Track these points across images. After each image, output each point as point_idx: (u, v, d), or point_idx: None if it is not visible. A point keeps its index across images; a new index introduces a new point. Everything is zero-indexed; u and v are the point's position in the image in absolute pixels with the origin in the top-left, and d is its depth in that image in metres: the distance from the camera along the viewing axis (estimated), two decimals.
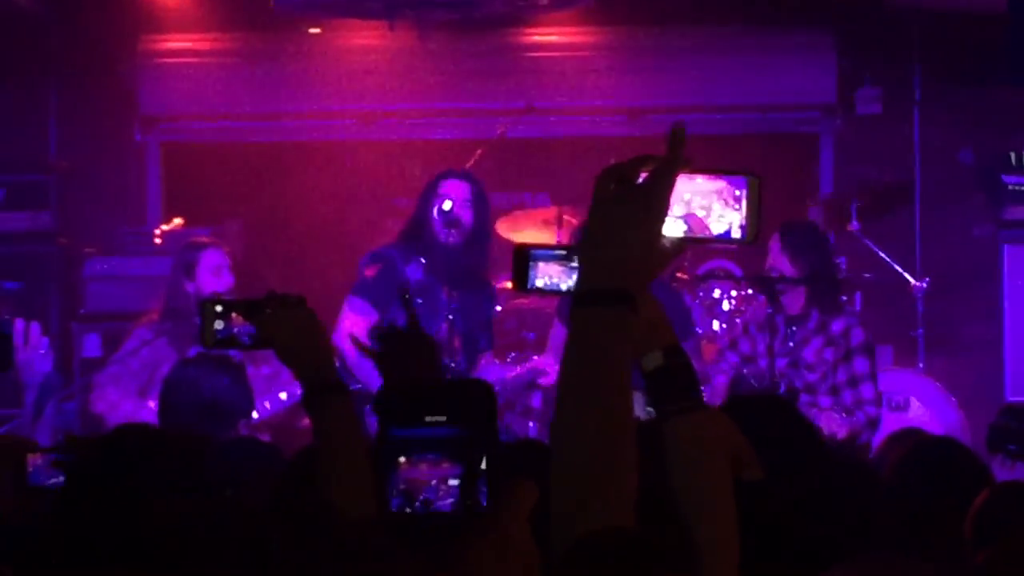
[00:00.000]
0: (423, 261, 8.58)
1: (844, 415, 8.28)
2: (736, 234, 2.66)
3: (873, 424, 8.42)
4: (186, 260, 8.81)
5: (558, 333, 8.84)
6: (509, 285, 8.00)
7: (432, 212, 8.69)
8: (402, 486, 2.15)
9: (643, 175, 2.62)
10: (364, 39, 11.59)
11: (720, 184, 2.65)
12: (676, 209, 2.64)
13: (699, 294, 9.90)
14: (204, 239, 9.13)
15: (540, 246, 3.07)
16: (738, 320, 9.33)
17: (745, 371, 8.65)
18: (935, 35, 11.18)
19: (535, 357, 8.89)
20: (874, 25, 11.26)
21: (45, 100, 11.72)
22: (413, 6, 10.57)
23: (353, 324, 8.25)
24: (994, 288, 10.68)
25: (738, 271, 10.27)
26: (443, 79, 11.64)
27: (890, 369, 10.04)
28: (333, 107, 11.79)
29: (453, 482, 2.15)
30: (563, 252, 3.04)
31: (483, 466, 2.17)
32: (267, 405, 8.21)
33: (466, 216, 8.60)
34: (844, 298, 9.29)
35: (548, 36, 11.78)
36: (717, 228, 2.66)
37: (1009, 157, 10.50)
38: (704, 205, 2.66)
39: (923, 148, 11.47)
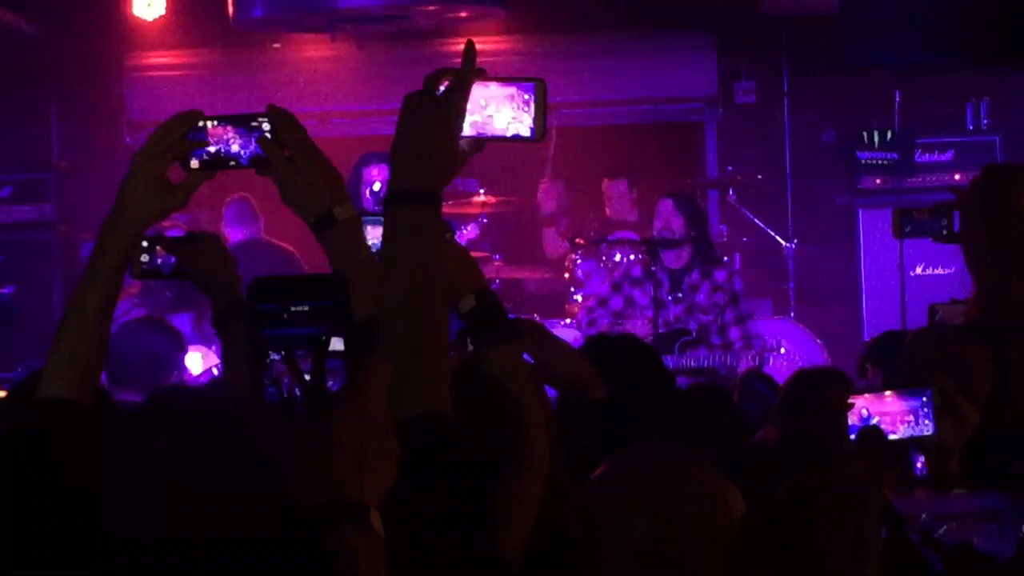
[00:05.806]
0: None
1: (732, 352, 8.36)
2: (526, 133, 2.56)
3: (764, 351, 8.58)
4: None
5: None
6: None
7: (362, 191, 8.68)
8: (273, 377, 2.03)
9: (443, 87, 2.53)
10: (319, 51, 11.54)
11: (511, 90, 2.56)
12: (475, 115, 2.55)
13: (603, 258, 9.77)
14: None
15: (367, 214, 3.05)
16: (607, 283, 9.20)
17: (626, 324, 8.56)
18: (799, 35, 11.19)
19: None
20: (748, 29, 11.30)
21: (46, 109, 11.69)
22: (352, 20, 10.29)
23: None
24: (852, 247, 10.82)
25: (636, 238, 9.95)
26: (380, 83, 11.37)
27: (767, 317, 9.99)
28: (290, 109, 11.45)
29: (309, 374, 2.03)
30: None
31: (341, 350, 2.03)
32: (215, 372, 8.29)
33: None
34: (726, 259, 9.42)
35: None
36: (510, 130, 2.56)
37: (863, 136, 10.59)
38: (498, 107, 2.56)
39: (792, 131, 11.54)
